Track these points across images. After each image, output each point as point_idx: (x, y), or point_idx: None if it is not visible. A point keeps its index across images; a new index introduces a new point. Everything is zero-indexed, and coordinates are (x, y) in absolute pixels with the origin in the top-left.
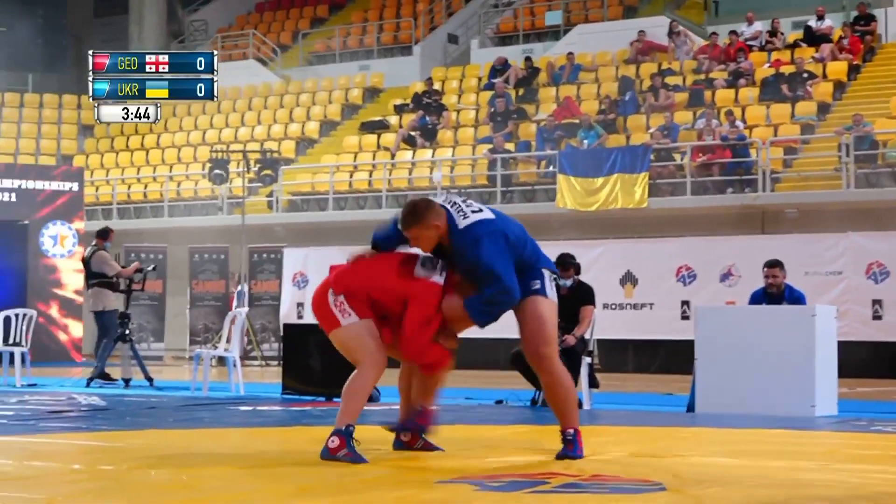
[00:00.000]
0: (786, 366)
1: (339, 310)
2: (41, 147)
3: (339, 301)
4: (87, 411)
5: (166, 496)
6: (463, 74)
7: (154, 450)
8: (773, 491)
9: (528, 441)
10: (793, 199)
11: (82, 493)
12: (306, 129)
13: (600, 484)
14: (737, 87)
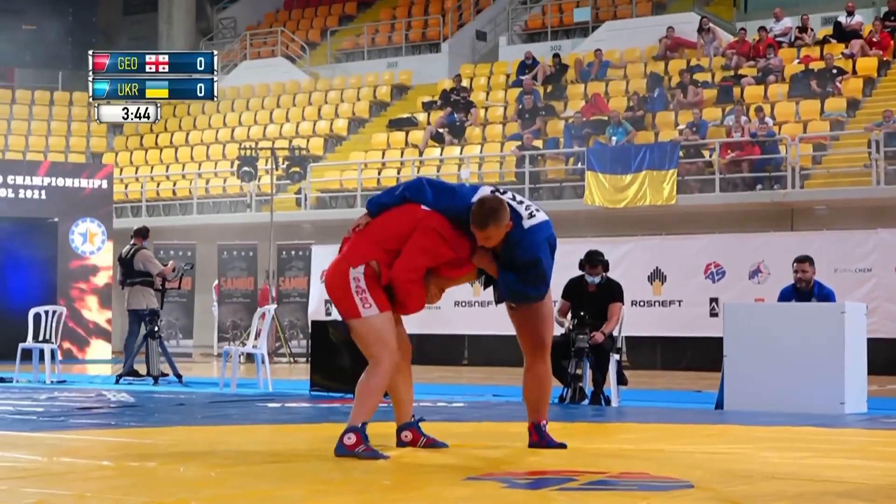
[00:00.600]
0: (815, 363)
1: (360, 298)
2: (71, 145)
3: (360, 287)
4: (116, 408)
5: (194, 492)
6: (491, 71)
7: (182, 446)
8: (802, 488)
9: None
10: (822, 196)
11: (111, 490)
12: (335, 127)
13: (628, 481)
14: (766, 84)
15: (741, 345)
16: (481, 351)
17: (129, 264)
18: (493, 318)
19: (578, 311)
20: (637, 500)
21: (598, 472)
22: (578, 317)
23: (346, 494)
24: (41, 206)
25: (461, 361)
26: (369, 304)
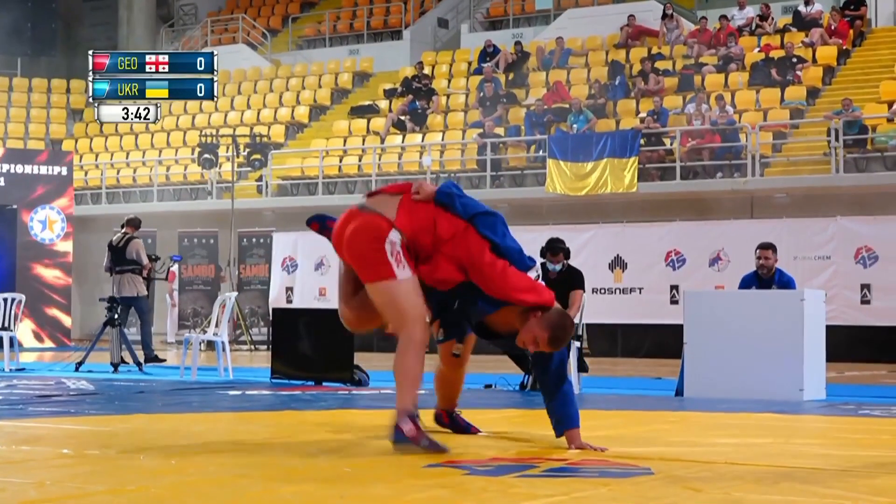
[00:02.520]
0: (774, 350)
1: (395, 259)
2: (30, 131)
3: (396, 251)
4: (75, 396)
5: (155, 481)
6: (453, 59)
7: (143, 434)
8: (761, 474)
9: (518, 426)
10: (782, 184)
11: (71, 478)
12: (296, 114)
13: (589, 468)
14: (727, 72)
15: (701, 332)
16: None
17: (120, 252)
18: None
19: None
20: (597, 486)
21: (558, 458)
22: None
23: (308, 482)
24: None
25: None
26: (404, 266)
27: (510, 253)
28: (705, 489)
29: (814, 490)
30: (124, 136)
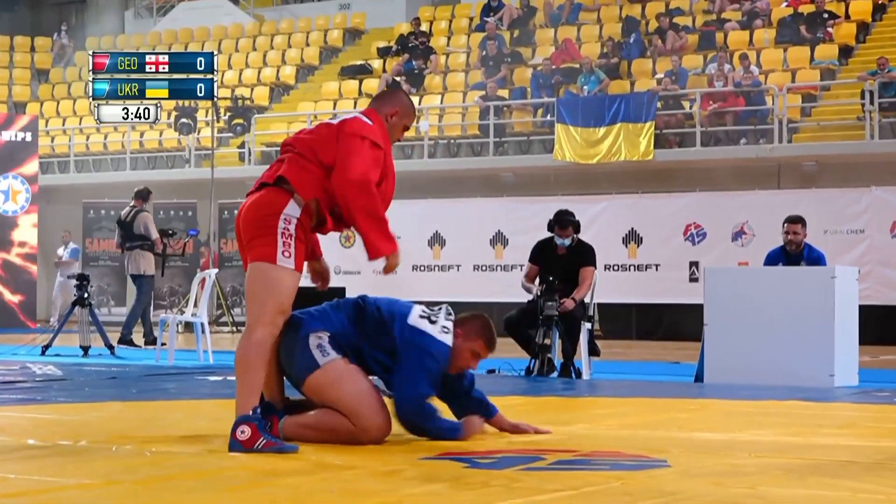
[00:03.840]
0: (802, 332)
1: (283, 241)
2: None
3: (288, 231)
4: (42, 382)
5: (128, 474)
6: (452, 14)
7: (115, 423)
8: (787, 467)
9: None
10: (811, 151)
11: (38, 470)
12: (281, 75)
13: (600, 460)
14: (751, 29)
15: (723, 312)
16: None
17: (128, 227)
18: (455, 284)
19: (547, 275)
20: (610, 479)
21: (567, 450)
22: (547, 282)
23: (295, 475)
24: None
25: None
26: (289, 255)
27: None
28: (727, 483)
29: (844, 484)
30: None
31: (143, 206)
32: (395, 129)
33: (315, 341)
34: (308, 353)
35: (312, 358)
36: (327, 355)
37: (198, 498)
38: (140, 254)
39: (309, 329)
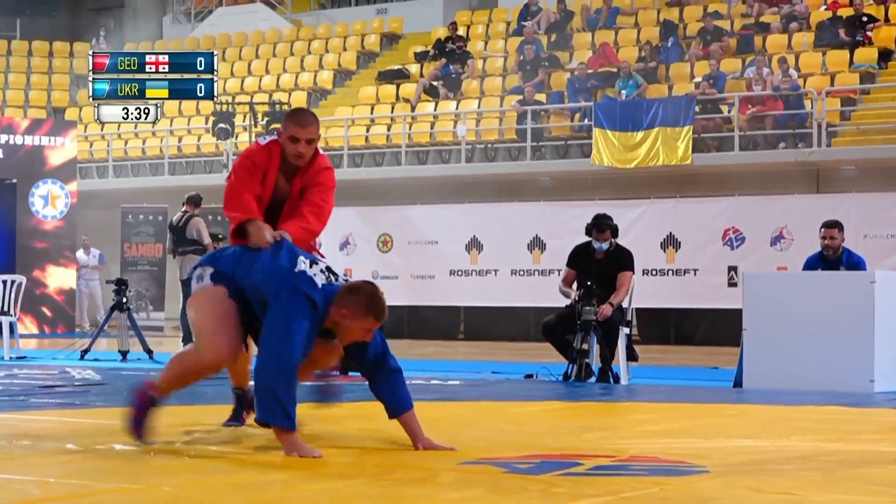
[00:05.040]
0: (842, 337)
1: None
2: (30, 99)
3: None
4: (81, 386)
5: (167, 478)
6: (490, 18)
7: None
8: (827, 473)
9: (561, 419)
10: (851, 155)
11: (76, 474)
12: (319, 79)
13: (638, 465)
14: (790, 32)
15: (762, 317)
16: (479, 324)
17: (180, 232)
18: (493, 289)
19: (585, 280)
20: (648, 485)
21: (605, 455)
22: (585, 287)
23: (333, 480)
24: None
25: (457, 335)
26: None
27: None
28: (766, 489)
29: (885, 491)
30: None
31: (195, 212)
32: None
33: (198, 272)
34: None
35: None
36: (200, 282)
37: (236, 502)
38: (192, 259)
39: (198, 264)
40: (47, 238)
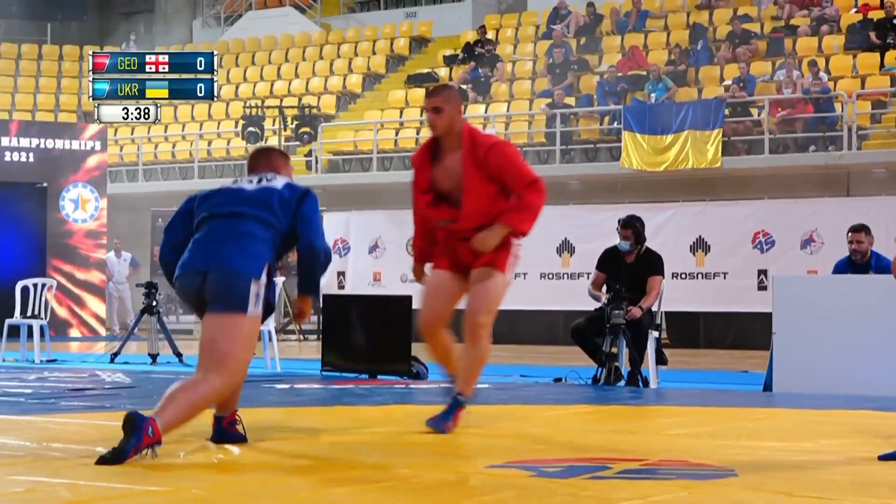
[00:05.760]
0: (873, 341)
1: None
2: (61, 103)
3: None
4: (111, 389)
5: (196, 481)
6: (519, 22)
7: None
8: (858, 478)
9: (590, 423)
10: (881, 158)
11: (106, 477)
12: (348, 83)
13: (667, 469)
14: (820, 35)
15: (792, 321)
16: (508, 327)
17: None
18: (522, 292)
19: (614, 283)
20: (676, 489)
21: (634, 458)
22: (614, 290)
23: (362, 483)
24: (28, 169)
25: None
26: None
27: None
28: (795, 493)
29: None
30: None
31: None
32: None
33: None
34: None
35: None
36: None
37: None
38: None
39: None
40: (78, 241)
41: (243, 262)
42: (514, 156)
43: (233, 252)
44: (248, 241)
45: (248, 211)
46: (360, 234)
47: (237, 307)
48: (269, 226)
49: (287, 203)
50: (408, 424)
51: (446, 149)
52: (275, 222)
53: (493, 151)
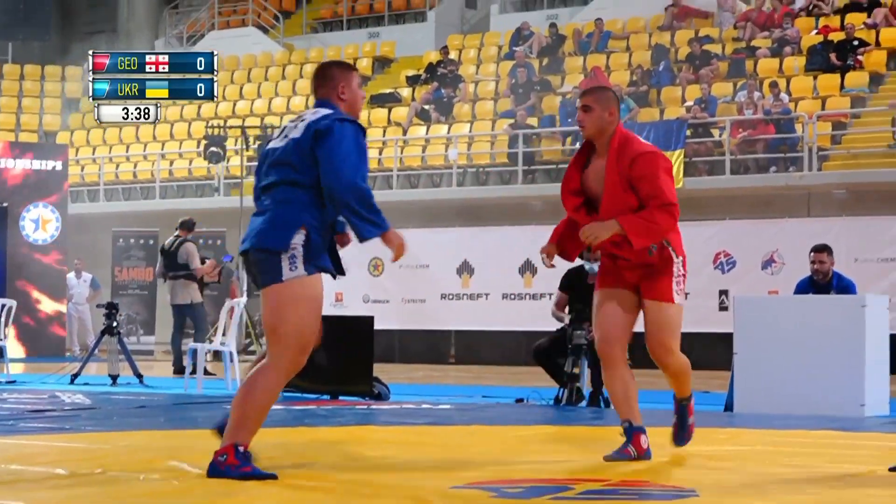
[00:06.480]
0: (833, 361)
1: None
2: (22, 122)
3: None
4: (71, 411)
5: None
6: (482, 43)
7: (143, 452)
8: (818, 497)
9: (551, 443)
10: (842, 179)
11: (66, 500)
12: (310, 103)
13: (629, 489)
14: (781, 57)
15: (753, 341)
16: (470, 348)
17: (172, 256)
18: (482, 313)
19: (577, 304)
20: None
21: (596, 479)
22: (577, 311)
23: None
24: None
25: (448, 359)
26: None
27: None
28: None
29: None
30: (124, 127)
31: (188, 236)
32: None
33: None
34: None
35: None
36: (294, 270)
37: None
38: (184, 283)
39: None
40: (38, 262)
41: (265, 238)
42: (662, 171)
43: (256, 230)
44: (275, 211)
45: (274, 178)
46: None
47: (270, 281)
48: (295, 185)
49: (304, 153)
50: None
51: (599, 152)
52: (300, 179)
53: (641, 160)
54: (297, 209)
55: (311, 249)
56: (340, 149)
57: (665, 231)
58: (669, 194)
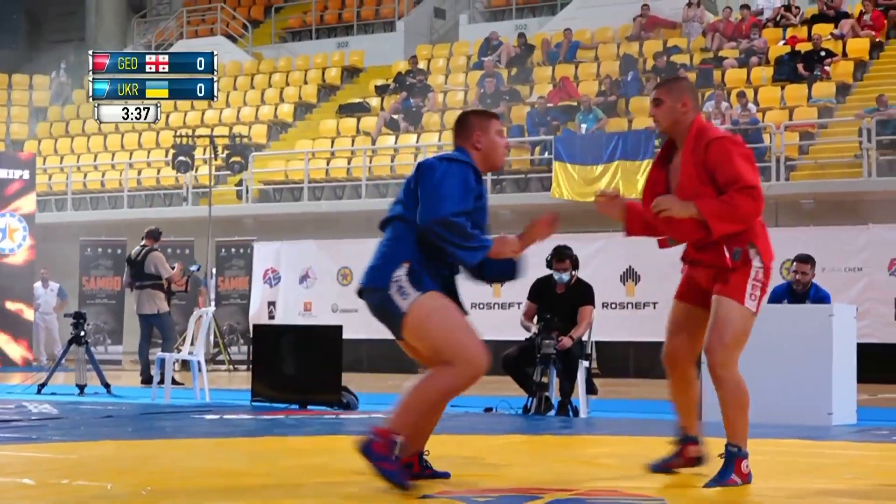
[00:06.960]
0: (800, 370)
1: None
2: None
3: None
4: (38, 420)
5: None
6: (450, 52)
7: (111, 462)
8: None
9: (521, 453)
10: (809, 189)
11: None
12: (279, 113)
13: (597, 499)
14: (749, 67)
15: None
16: None
17: (139, 266)
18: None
19: (545, 313)
20: None
21: (565, 488)
22: (545, 320)
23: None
24: None
25: (416, 369)
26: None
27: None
28: None
29: None
30: (92, 136)
31: (154, 246)
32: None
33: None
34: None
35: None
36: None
37: None
38: (151, 293)
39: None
40: (4, 271)
41: (371, 276)
42: (738, 155)
43: (368, 267)
44: (385, 249)
45: (390, 214)
46: (290, 263)
47: (399, 322)
48: (404, 221)
49: (410, 190)
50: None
51: (678, 146)
52: (408, 215)
53: (715, 145)
54: (403, 246)
55: (415, 278)
56: (433, 186)
57: (748, 216)
58: (749, 177)
